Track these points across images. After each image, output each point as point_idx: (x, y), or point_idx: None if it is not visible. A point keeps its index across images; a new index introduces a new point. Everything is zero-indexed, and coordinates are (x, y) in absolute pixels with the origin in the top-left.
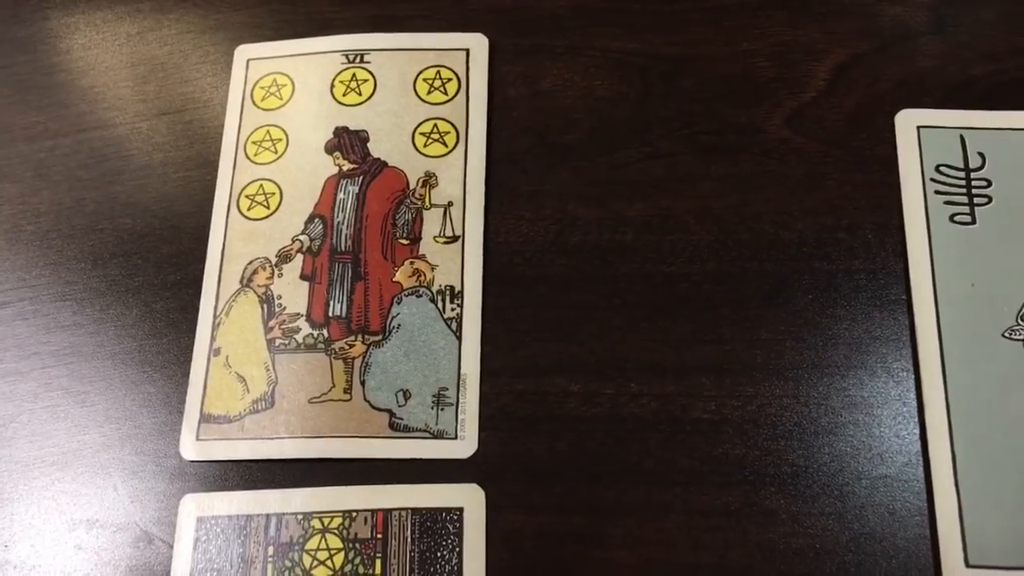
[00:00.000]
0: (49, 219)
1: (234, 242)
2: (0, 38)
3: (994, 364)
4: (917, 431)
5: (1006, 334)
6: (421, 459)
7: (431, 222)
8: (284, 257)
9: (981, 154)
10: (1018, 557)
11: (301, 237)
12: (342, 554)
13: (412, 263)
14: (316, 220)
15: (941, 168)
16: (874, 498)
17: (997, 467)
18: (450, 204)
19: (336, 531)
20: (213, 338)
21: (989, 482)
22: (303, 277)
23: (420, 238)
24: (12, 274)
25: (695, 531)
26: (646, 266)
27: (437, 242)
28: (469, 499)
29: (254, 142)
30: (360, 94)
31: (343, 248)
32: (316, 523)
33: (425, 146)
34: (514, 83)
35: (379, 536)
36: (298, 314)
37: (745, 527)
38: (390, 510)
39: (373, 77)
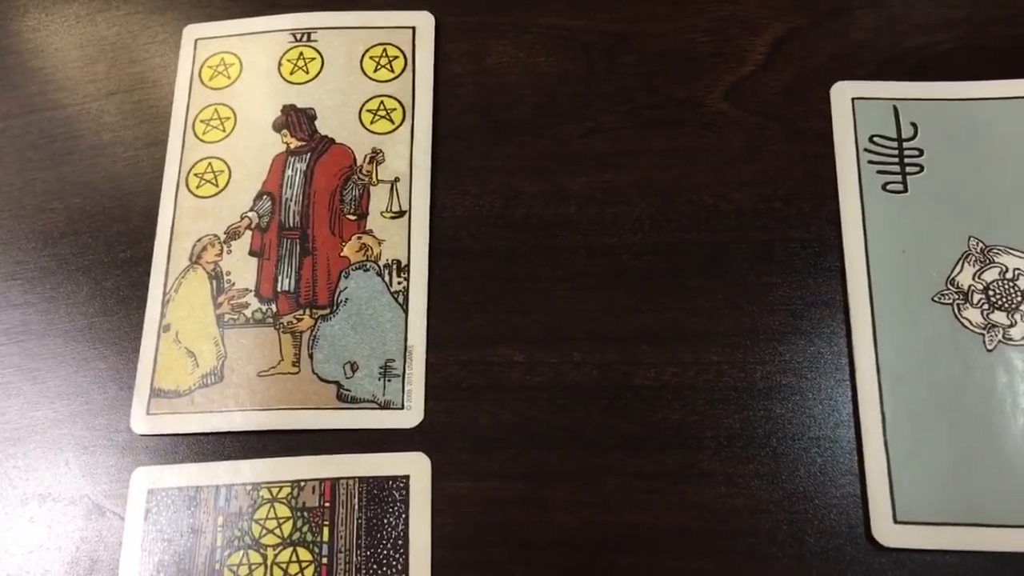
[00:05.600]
0: None
1: (183, 220)
2: None
3: (923, 328)
4: (849, 393)
5: (935, 298)
6: (368, 429)
7: (378, 198)
8: (233, 234)
9: (914, 124)
10: (943, 513)
11: (250, 214)
12: (290, 522)
13: (359, 238)
14: (264, 197)
15: (875, 138)
16: (807, 458)
17: (924, 427)
18: (397, 180)
19: (284, 500)
20: (163, 314)
21: (917, 442)
22: (252, 253)
23: (367, 213)
24: None
25: (634, 493)
26: (589, 238)
27: (384, 217)
28: (415, 467)
29: (202, 121)
30: (307, 72)
31: (291, 224)
32: (265, 493)
33: (372, 123)
34: (460, 60)
35: (327, 504)
36: (247, 290)
37: (682, 488)
38: (337, 479)
39: (320, 55)
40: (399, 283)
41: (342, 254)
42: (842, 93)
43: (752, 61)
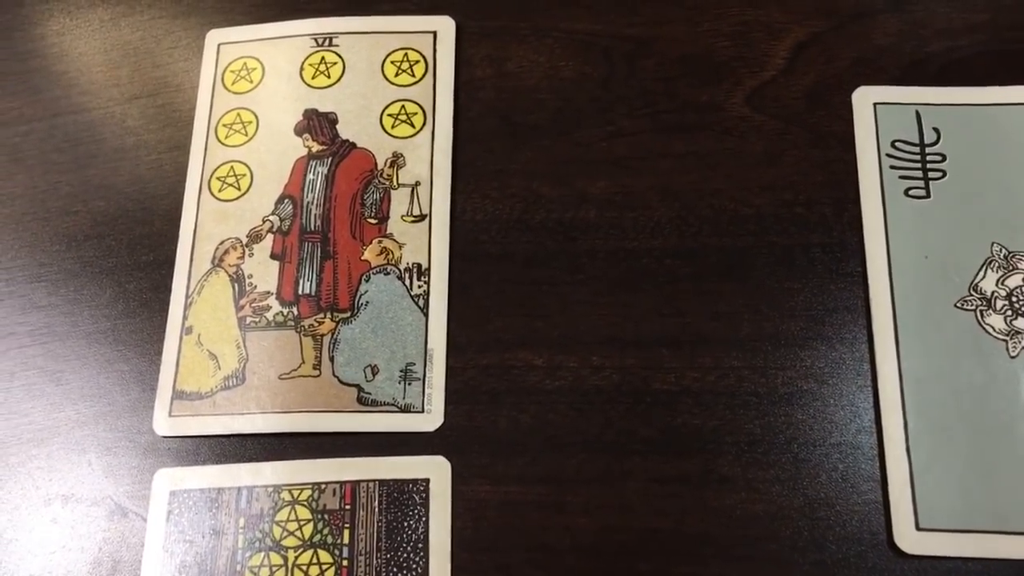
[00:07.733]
0: (24, 202)
1: (206, 223)
2: None
3: (946, 334)
4: (871, 399)
5: (958, 304)
6: (388, 432)
7: (399, 201)
8: (255, 237)
9: (936, 129)
10: (966, 520)
11: (271, 217)
12: (311, 524)
13: (380, 241)
14: (286, 200)
15: (897, 144)
16: (828, 465)
17: (947, 434)
18: (417, 184)
19: (305, 503)
20: (185, 317)
21: (939, 448)
22: (273, 256)
23: (388, 217)
24: None
25: (654, 498)
26: (608, 242)
27: (405, 221)
28: (435, 470)
29: (225, 125)
30: (329, 77)
31: (312, 228)
32: (286, 495)
33: (393, 127)
34: (480, 65)
35: (347, 507)
36: (268, 292)
37: (702, 494)
38: (358, 482)
39: (342, 60)
40: (419, 287)
41: (363, 257)
42: (864, 98)
43: (773, 66)
